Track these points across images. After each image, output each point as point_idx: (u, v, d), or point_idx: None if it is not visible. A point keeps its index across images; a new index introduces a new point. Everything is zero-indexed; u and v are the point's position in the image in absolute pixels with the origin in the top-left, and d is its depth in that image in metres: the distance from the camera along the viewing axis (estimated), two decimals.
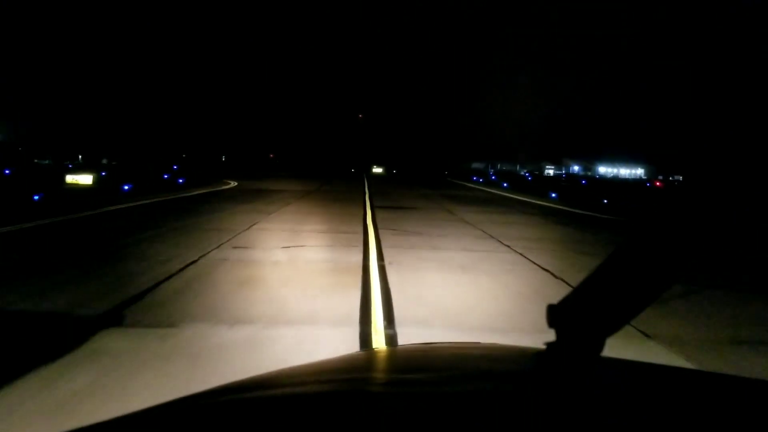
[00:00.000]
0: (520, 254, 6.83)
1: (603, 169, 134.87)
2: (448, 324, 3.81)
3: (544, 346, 0.73)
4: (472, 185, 30.41)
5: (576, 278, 5.29)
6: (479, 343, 0.97)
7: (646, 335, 3.64)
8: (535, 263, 6.25)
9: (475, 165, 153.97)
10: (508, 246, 7.45)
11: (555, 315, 0.71)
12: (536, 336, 0.92)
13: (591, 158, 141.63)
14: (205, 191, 17.51)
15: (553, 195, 21.09)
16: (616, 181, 68.15)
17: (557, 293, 3.82)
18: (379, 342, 3.45)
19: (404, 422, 0.49)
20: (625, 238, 0.67)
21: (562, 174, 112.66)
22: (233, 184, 22.99)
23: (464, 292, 4.79)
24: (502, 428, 0.47)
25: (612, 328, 0.67)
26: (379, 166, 68.12)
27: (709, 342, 3.65)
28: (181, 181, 21.73)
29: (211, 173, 33.76)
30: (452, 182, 34.93)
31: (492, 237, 8.35)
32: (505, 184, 29.37)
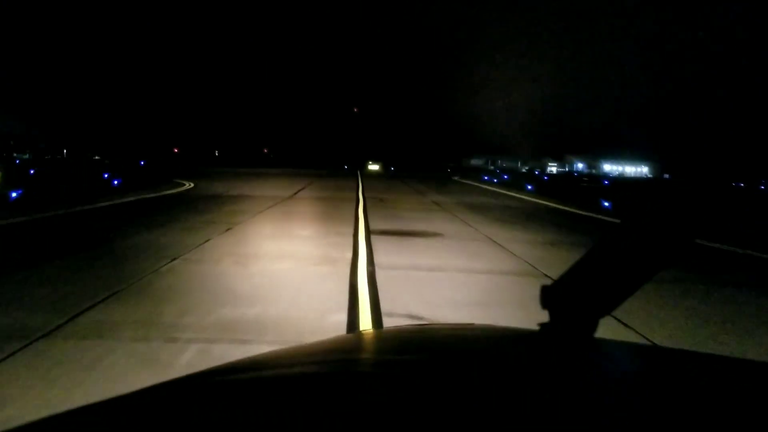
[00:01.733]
0: None
1: (607, 167, 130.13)
2: None
3: (537, 327, 0.72)
4: (488, 187, 25.30)
5: None
6: (473, 324, 0.95)
7: None
8: None
9: (474, 161, 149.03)
10: None
11: (548, 296, 0.70)
12: None
13: (594, 155, 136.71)
14: (130, 200, 12.32)
15: (606, 204, 16.03)
16: (638, 181, 63.15)
17: None
18: None
19: (397, 403, 0.48)
20: (619, 221, 0.67)
21: (573, 172, 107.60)
22: (187, 185, 17.76)
23: None
24: (496, 408, 0.47)
25: (605, 310, 0.67)
26: (375, 162, 62.93)
27: None
28: (116, 182, 16.50)
29: (171, 171, 28.49)
30: (462, 182, 29.81)
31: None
32: (529, 187, 24.28)
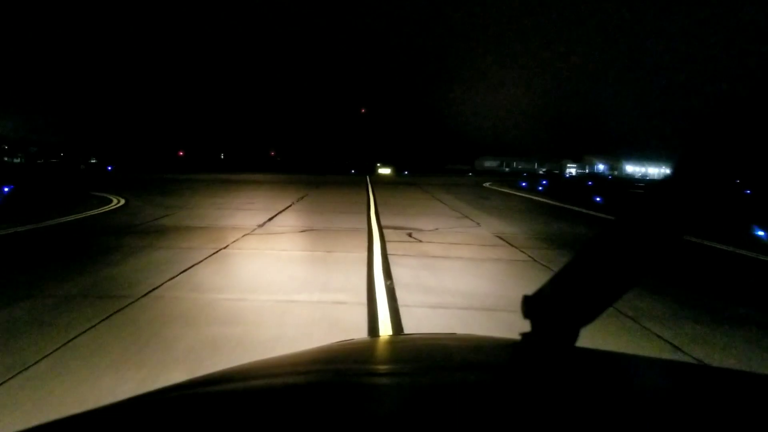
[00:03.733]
0: None
1: (630, 168, 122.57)
2: None
3: (519, 337, 0.72)
4: (540, 199, 19.13)
5: None
6: (455, 334, 0.96)
7: None
8: None
9: (488, 163, 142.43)
10: None
11: (530, 306, 0.70)
12: None
13: (616, 155, 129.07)
14: None
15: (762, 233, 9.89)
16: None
17: None
18: None
19: (384, 413, 0.48)
20: (600, 229, 0.63)
21: (607, 174, 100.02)
22: (114, 204, 11.90)
23: None
24: (479, 418, 0.47)
25: (586, 319, 0.67)
26: (385, 165, 57.25)
27: None
28: None
29: (133, 179, 22.65)
30: (499, 192, 23.66)
31: None
32: (597, 199, 18.07)
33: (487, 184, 30.57)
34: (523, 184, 29.44)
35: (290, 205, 12.93)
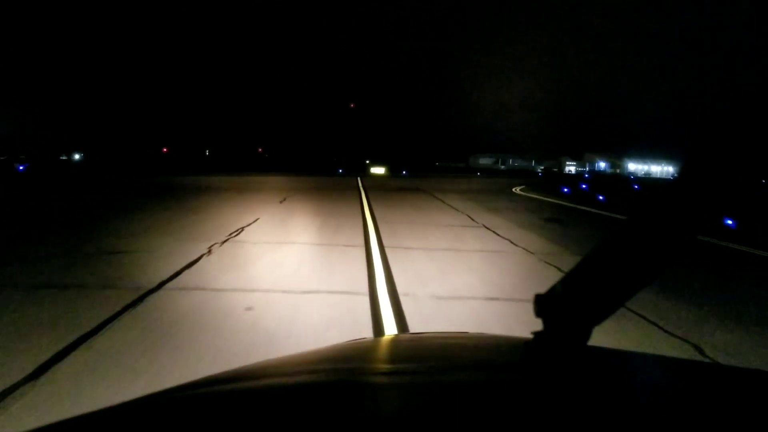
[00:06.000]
0: None
1: (632, 166, 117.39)
2: None
3: (531, 336, 0.71)
4: (603, 212, 12.54)
5: None
6: (467, 333, 0.94)
7: None
8: None
9: (482, 160, 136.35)
10: None
11: (542, 304, 0.69)
12: None
13: (617, 153, 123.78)
14: None
15: None
16: None
17: None
18: None
19: (397, 412, 0.48)
20: (613, 228, 0.84)
21: (627, 174, 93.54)
22: None
23: None
24: (492, 416, 0.47)
25: (598, 318, 0.66)
26: (378, 163, 50.89)
27: None
28: None
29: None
30: (551, 204, 17.02)
31: None
32: (729, 221, 11.45)
33: (517, 190, 23.86)
34: (565, 189, 22.88)
35: (202, 256, 6.09)
